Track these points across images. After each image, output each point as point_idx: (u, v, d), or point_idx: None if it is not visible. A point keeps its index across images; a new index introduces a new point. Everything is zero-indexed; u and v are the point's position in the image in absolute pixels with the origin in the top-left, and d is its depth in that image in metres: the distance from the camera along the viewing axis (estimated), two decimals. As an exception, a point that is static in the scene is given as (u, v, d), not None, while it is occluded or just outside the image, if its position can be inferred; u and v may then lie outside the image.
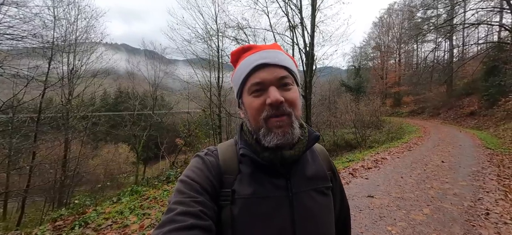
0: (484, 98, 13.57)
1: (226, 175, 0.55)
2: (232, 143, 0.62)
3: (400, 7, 27.93)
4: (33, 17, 6.69)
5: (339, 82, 27.00)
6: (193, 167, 0.55)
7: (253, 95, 0.54)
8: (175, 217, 0.44)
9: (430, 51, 21.34)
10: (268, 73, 0.53)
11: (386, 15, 31.45)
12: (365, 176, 4.47)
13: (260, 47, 0.58)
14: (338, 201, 0.69)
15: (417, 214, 2.87)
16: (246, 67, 0.55)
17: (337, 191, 0.68)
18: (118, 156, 17.26)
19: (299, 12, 10.94)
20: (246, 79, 0.55)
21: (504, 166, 5.12)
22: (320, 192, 0.58)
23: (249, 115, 0.56)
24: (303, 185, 0.56)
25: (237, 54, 0.60)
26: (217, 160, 0.57)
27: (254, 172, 0.55)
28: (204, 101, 12.78)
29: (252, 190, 0.52)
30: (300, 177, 0.57)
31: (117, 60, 15.86)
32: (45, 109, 8.18)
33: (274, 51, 0.57)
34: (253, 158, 0.54)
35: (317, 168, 0.61)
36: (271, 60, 0.54)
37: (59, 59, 9.24)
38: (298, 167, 0.58)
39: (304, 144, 0.57)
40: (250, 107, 0.54)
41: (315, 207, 0.56)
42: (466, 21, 16.12)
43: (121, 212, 3.25)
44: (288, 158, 0.54)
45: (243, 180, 0.54)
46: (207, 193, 0.50)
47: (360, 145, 12.45)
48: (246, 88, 0.56)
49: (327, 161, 0.68)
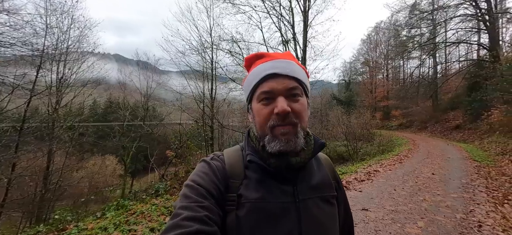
0: (468, 112, 14.13)
1: (232, 180, 0.55)
2: (238, 148, 0.62)
3: (387, 26, 29.36)
4: (24, 24, 6.55)
5: (330, 96, 27.57)
6: (199, 171, 0.55)
7: (262, 103, 0.55)
8: (181, 222, 0.44)
9: (416, 67, 22.41)
10: (278, 83, 0.54)
11: (373, 33, 33.01)
12: (359, 189, 4.46)
13: (273, 56, 0.59)
14: (342, 210, 0.68)
15: (412, 228, 2.85)
16: (258, 74, 0.57)
17: (341, 201, 0.68)
18: (105, 168, 16.56)
19: (292, 28, 11.32)
20: (256, 86, 0.57)
21: (492, 178, 5.26)
22: (326, 201, 0.59)
23: (256, 121, 0.57)
24: (310, 193, 0.56)
25: (251, 60, 0.62)
26: (223, 164, 0.57)
27: (261, 178, 0.55)
28: (197, 112, 12.67)
29: (259, 195, 0.52)
30: (306, 184, 0.57)
31: (109, 70, 15.57)
32: (29, 118, 7.83)
33: (286, 61, 0.58)
34: (260, 164, 0.55)
35: (322, 176, 0.62)
36: (282, 70, 0.55)
37: (48, 67, 8.99)
38: (305, 174, 0.58)
39: (310, 151, 0.58)
40: (258, 114, 0.56)
41: (321, 215, 0.56)
42: (447, 40, 17.16)
43: (105, 229, 3.05)
44: (294, 164, 0.55)
45: (249, 185, 0.54)
46: (212, 198, 0.51)
47: (352, 158, 12.54)
48: (256, 95, 0.57)
49: (331, 170, 0.68)
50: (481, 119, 11.99)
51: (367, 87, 31.74)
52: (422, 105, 21.27)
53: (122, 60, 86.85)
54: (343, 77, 34.19)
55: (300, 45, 11.20)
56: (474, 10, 14.55)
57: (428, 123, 18.94)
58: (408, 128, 21.34)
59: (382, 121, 25.69)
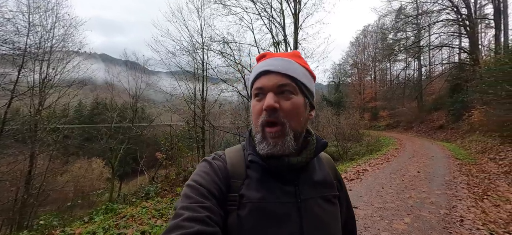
0: (451, 112, 14.76)
1: (233, 180, 0.55)
2: (239, 148, 0.62)
3: (374, 29, 30.24)
4: (5, 22, 6.26)
5: (321, 97, 28.03)
6: (200, 171, 0.55)
7: (256, 99, 0.57)
8: (182, 223, 0.44)
9: (402, 70, 23.19)
10: (268, 80, 0.55)
11: (361, 36, 33.87)
12: (348, 187, 4.56)
13: (273, 55, 0.60)
14: (345, 210, 0.69)
15: (399, 224, 2.96)
16: (254, 72, 0.59)
17: (343, 200, 0.68)
18: (91, 171, 15.97)
19: (283, 30, 11.44)
20: (252, 83, 0.59)
21: (473, 175, 5.54)
22: (328, 200, 0.59)
23: (252, 118, 0.58)
24: (312, 193, 0.57)
25: (258, 59, 0.63)
26: (225, 164, 0.57)
27: (262, 178, 0.55)
28: (188, 113, 12.51)
29: (260, 195, 0.52)
30: (308, 184, 0.57)
31: (95, 70, 15.05)
32: (10, 120, 7.46)
33: (283, 59, 0.58)
34: (261, 164, 0.55)
35: (324, 176, 0.62)
36: (274, 67, 0.55)
37: (31, 67, 8.60)
38: (306, 174, 0.58)
39: (312, 151, 0.58)
40: (252, 110, 0.58)
41: (323, 215, 0.56)
42: (431, 44, 17.91)
43: (94, 233, 2.97)
44: (295, 164, 0.55)
45: (251, 185, 0.54)
46: (214, 198, 0.50)
47: (342, 158, 12.78)
48: (252, 92, 0.59)
49: (333, 170, 0.68)
50: (463, 119, 12.55)
51: (356, 88, 32.54)
52: (408, 106, 22.04)
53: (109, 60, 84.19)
54: (333, 79, 34.86)
55: (290, 47, 11.34)
56: (455, 15, 15.29)
57: (413, 123, 19.64)
58: (395, 128, 22.03)
59: (370, 121, 26.37)
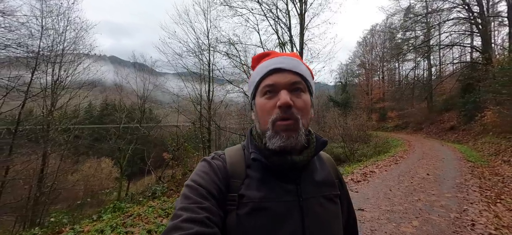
0: (462, 113, 14.34)
1: (233, 179, 0.54)
2: (239, 147, 0.62)
3: (382, 29, 29.76)
4: (19, 26, 6.51)
5: (327, 97, 27.78)
6: (200, 171, 0.54)
7: (265, 97, 0.55)
8: (181, 224, 0.44)
9: (411, 69, 22.66)
10: (281, 77, 0.54)
11: (369, 35, 33.37)
12: (355, 189, 4.50)
13: (279, 54, 0.60)
14: (346, 209, 0.68)
15: (407, 227, 2.89)
16: (262, 69, 0.57)
17: (344, 199, 0.68)
18: (101, 171, 16.36)
19: (288, 30, 11.39)
20: (260, 81, 0.57)
21: (485, 178, 5.35)
22: (329, 200, 0.58)
23: (259, 116, 0.57)
24: (313, 191, 0.56)
25: (257, 59, 0.63)
26: (225, 164, 0.57)
27: (263, 177, 0.55)
28: (194, 114, 12.64)
29: (262, 194, 0.52)
30: (309, 183, 0.57)
31: (105, 72, 15.46)
32: (23, 121, 7.74)
33: (290, 58, 0.58)
34: (263, 163, 0.54)
35: (325, 175, 0.62)
36: (286, 65, 0.56)
37: (44, 69, 8.91)
38: (308, 173, 0.58)
39: (313, 150, 0.58)
40: (261, 108, 0.56)
41: (325, 214, 0.56)
42: (441, 43, 17.46)
43: (102, 231, 3.03)
44: (297, 162, 0.54)
45: (251, 184, 0.54)
46: (213, 198, 0.50)
47: (348, 159, 12.60)
48: (259, 89, 0.57)
49: (334, 169, 0.68)
50: (475, 120, 12.17)
51: (363, 89, 32.02)
52: (417, 106, 21.53)
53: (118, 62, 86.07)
54: (340, 79, 34.52)
55: (296, 48, 11.28)
56: (466, 13, 14.85)
57: (423, 124, 19.17)
58: (403, 129, 21.57)
59: (378, 122, 25.93)
